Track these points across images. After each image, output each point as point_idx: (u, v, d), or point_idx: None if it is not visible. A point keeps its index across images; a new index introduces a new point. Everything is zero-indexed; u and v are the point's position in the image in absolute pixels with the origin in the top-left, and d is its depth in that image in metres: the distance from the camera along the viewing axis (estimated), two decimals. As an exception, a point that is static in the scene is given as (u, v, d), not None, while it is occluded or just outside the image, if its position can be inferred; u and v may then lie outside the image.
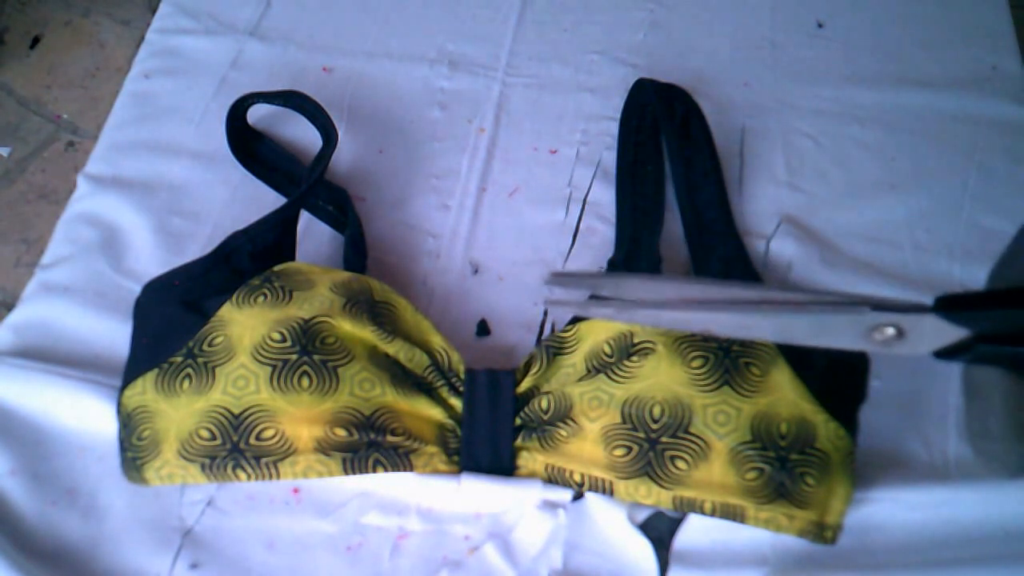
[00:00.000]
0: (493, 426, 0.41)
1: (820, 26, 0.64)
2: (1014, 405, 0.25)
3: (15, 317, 0.49)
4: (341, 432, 0.39)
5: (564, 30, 0.64)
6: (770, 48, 0.63)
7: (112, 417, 0.43)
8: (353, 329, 0.41)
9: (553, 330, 0.49)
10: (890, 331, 0.27)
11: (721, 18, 0.65)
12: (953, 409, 0.45)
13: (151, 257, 0.51)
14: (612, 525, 0.41)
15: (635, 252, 0.50)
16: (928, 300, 0.27)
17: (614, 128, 0.57)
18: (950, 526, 0.41)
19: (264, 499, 0.42)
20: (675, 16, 0.65)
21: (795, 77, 0.61)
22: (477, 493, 0.41)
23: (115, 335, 0.47)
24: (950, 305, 0.26)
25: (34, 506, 0.42)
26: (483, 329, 0.49)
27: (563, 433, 0.40)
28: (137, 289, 0.46)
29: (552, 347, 0.42)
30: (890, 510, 0.41)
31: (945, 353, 0.27)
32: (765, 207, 0.54)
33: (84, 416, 0.44)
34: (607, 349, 0.41)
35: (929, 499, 0.41)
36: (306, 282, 0.43)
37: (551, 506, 0.41)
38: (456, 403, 0.42)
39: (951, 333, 0.27)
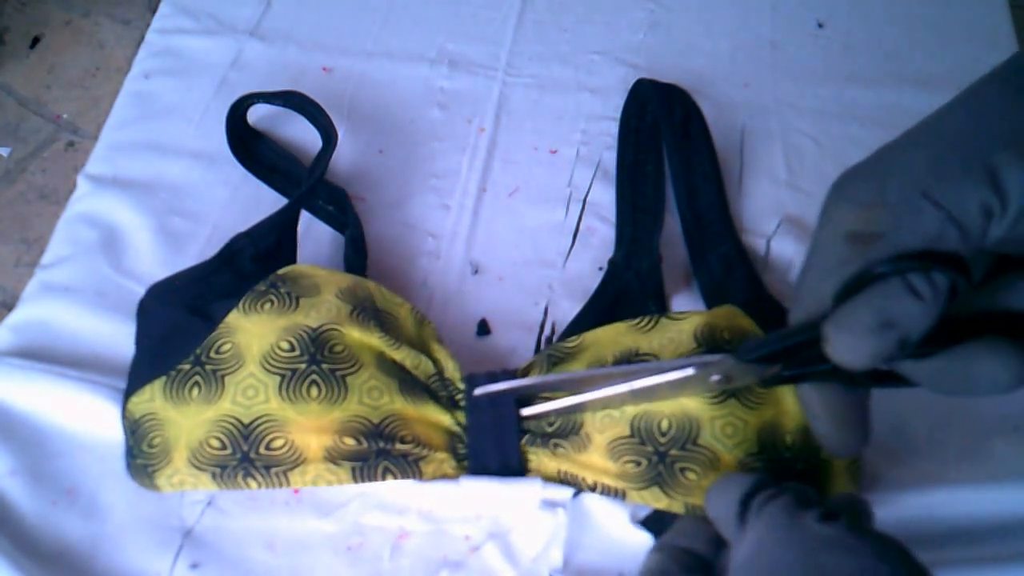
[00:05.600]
0: (497, 430, 0.41)
1: (820, 26, 0.64)
2: (830, 408, 0.33)
3: (15, 317, 0.49)
4: (350, 441, 0.39)
5: (564, 30, 0.64)
6: (770, 48, 0.63)
7: (112, 417, 0.43)
8: (361, 336, 0.41)
9: (553, 330, 0.49)
10: (716, 377, 0.35)
11: (721, 18, 0.65)
12: (953, 410, 0.45)
13: (151, 257, 0.51)
14: (613, 523, 0.41)
15: (635, 251, 0.50)
16: None
17: (614, 128, 0.57)
18: (950, 526, 0.41)
19: (264, 499, 0.42)
20: (675, 16, 0.65)
21: (795, 77, 0.61)
22: (477, 493, 0.41)
23: (115, 335, 0.47)
24: (744, 354, 0.33)
25: (34, 506, 0.42)
26: (483, 329, 0.49)
27: (571, 446, 0.40)
28: (137, 289, 0.46)
29: (554, 356, 0.42)
30: (890, 510, 0.41)
31: (765, 382, 0.35)
32: (765, 207, 0.54)
33: (84, 416, 0.44)
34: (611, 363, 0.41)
35: (929, 499, 0.42)
36: (312, 287, 0.43)
37: (551, 505, 0.41)
38: (461, 411, 0.41)
39: (760, 370, 0.34)
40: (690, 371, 0.35)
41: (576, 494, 0.41)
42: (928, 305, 0.27)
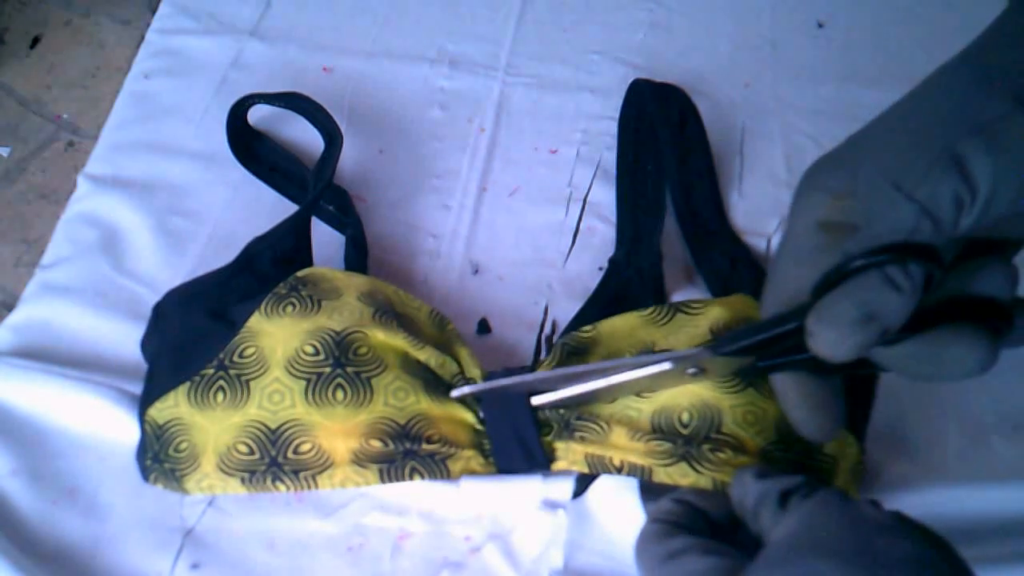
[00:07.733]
0: (513, 425, 0.40)
1: (820, 26, 0.64)
2: (805, 395, 0.33)
3: (15, 317, 0.49)
4: (377, 443, 0.39)
5: (564, 30, 0.64)
6: (770, 48, 0.63)
7: (113, 417, 0.43)
8: (386, 338, 0.41)
9: (554, 329, 0.49)
10: (692, 370, 0.35)
11: (721, 18, 0.65)
12: (952, 409, 0.45)
13: (151, 257, 0.51)
14: (614, 524, 0.41)
15: (636, 251, 0.50)
16: None
17: (614, 128, 0.57)
18: (950, 526, 0.41)
19: (265, 499, 0.42)
20: (675, 16, 0.65)
21: (795, 77, 0.61)
22: (477, 493, 0.41)
23: (116, 335, 0.47)
24: (720, 347, 0.33)
25: (35, 506, 0.42)
26: (483, 327, 0.49)
27: (594, 433, 0.40)
28: (138, 289, 0.46)
29: (569, 346, 0.42)
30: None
31: (740, 374, 0.35)
32: (765, 207, 0.54)
33: (84, 416, 0.44)
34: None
35: (929, 498, 0.42)
36: (333, 290, 0.43)
37: (552, 506, 0.41)
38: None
39: (735, 362, 0.34)
40: (667, 365, 0.36)
41: (577, 495, 0.41)
42: (907, 296, 0.27)
